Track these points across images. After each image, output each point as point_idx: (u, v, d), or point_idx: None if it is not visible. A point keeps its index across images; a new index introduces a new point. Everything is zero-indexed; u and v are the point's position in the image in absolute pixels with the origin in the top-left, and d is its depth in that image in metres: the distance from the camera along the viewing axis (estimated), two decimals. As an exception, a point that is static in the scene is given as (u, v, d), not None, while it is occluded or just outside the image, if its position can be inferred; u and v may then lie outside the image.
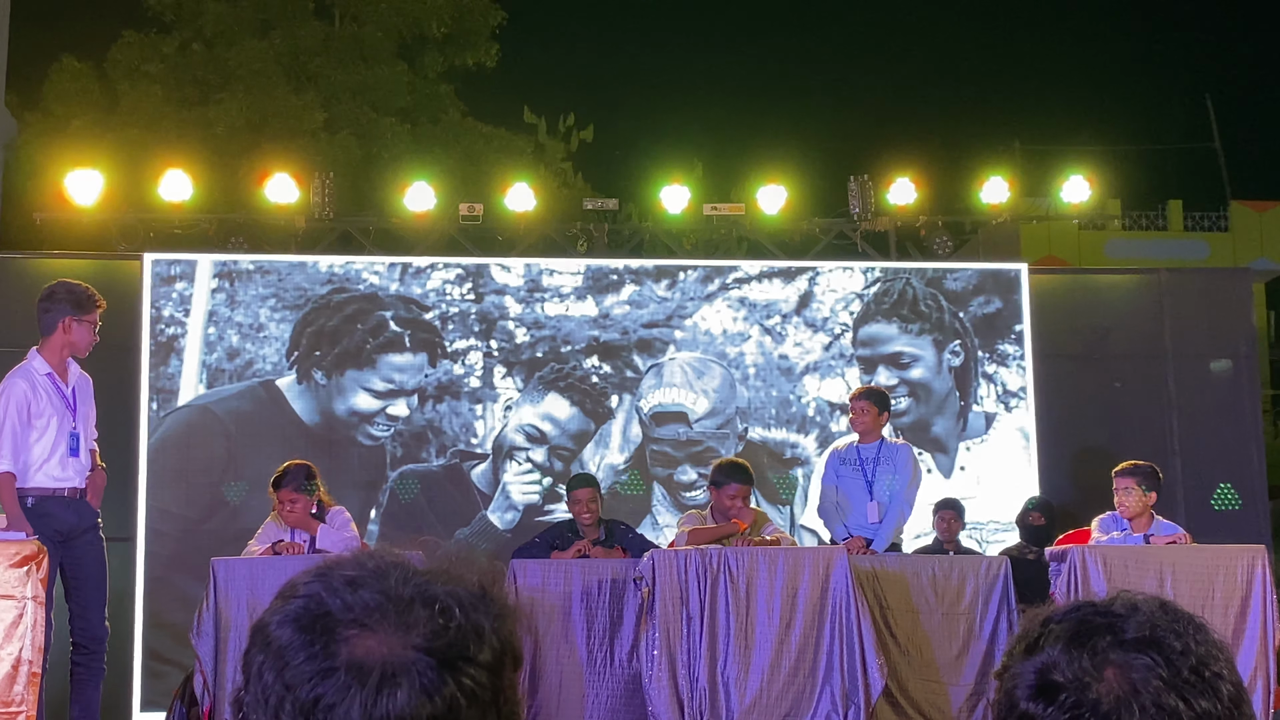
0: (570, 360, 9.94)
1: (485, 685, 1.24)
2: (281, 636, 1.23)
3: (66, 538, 6.18)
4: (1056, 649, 1.32)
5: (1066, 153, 16.31)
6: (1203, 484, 10.09)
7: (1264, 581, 7.04)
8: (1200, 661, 1.31)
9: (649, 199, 11.03)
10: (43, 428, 6.15)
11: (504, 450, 9.79)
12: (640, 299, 10.07)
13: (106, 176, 10.03)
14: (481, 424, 9.79)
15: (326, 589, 1.26)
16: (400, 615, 1.24)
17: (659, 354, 10.02)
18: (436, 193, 10.31)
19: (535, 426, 9.88)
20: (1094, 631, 1.32)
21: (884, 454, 8.04)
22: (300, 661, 1.21)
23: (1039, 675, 1.31)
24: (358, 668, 1.20)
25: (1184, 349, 10.52)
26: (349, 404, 9.69)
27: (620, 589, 7.55)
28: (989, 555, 8.42)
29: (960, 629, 7.48)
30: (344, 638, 1.22)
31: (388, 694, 1.19)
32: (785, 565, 6.95)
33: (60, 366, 6.25)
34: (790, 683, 6.84)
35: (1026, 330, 10.28)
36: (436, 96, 18.07)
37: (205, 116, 16.35)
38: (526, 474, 9.80)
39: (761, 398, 10.02)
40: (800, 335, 10.14)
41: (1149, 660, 1.30)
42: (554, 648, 7.51)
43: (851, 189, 10.72)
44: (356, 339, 9.74)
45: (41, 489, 6.16)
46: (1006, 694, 1.33)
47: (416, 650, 1.22)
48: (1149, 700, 1.27)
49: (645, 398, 9.98)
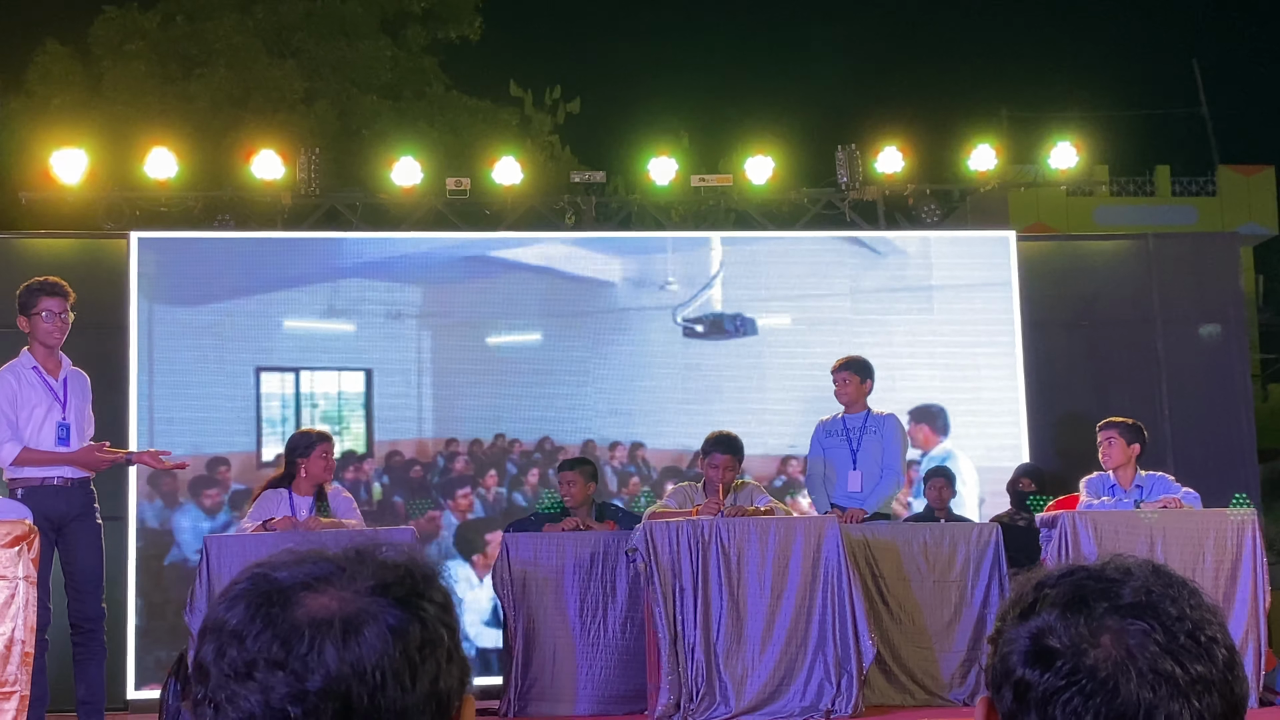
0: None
1: (443, 626, 1.25)
2: (233, 618, 1.23)
3: (59, 525, 6.19)
4: (1052, 614, 1.31)
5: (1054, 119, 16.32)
6: (1192, 448, 10.12)
7: (1254, 544, 7.08)
8: (1195, 626, 1.31)
9: (636, 171, 11.01)
10: (27, 418, 6.17)
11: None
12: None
13: (91, 155, 9.98)
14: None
15: (269, 569, 1.26)
16: (348, 572, 1.25)
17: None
18: (423, 167, 10.27)
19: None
20: (1090, 597, 1.32)
21: (870, 424, 8.05)
22: (259, 630, 1.21)
23: (1034, 641, 1.31)
24: (318, 622, 1.20)
25: (1172, 314, 10.53)
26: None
27: (613, 561, 7.58)
28: (980, 522, 8.44)
29: (952, 596, 7.52)
30: (298, 601, 1.22)
31: (355, 640, 1.19)
32: (777, 535, 6.96)
33: (45, 361, 6.27)
34: (783, 652, 6.86)
35: (1015, 297, 10.28)
36: (420, 70, 17.99)
37: (187, 92, 16.28)
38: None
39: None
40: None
41: (1145, 625, 1.30)
42: (547, 620, 7.53)
43: (839, 158, 10.70)
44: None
45: (30, 479, 6.16)
46: (1001, 659, 1.33)
47: (371, 595, 1.23)
48: (1145, 665, 1.28)
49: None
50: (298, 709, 1.18)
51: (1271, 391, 22.25)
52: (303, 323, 9.79)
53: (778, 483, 9.88)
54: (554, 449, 9.75)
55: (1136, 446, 7.54)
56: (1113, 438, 7.53)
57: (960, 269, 10.38)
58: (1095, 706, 1.27)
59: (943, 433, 10.11)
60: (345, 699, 1.18)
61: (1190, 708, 1.27)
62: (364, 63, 17.21)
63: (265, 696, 1.18)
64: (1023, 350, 10.20)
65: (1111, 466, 7.51)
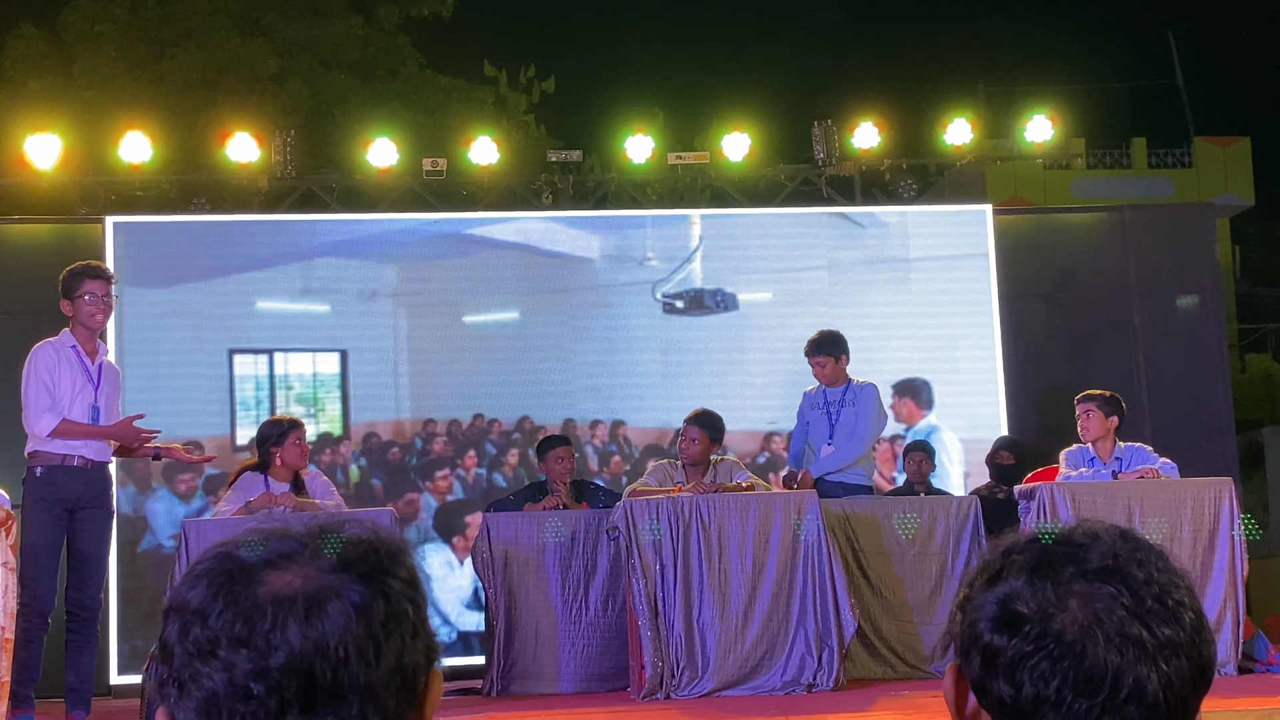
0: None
1: (409, 602, 1.25)
2: (195, 597, 1.22)
3: (72, 509, 6.17)
4: (1019, 580, 1.32)
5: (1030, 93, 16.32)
6: (1170, 419, 10.17)
7: (1231, 514, 7.11)
8: (1163, 590, 1.32)
9: (613, 149, 10.99)
10: (63, 393, 6.18)
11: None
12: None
13: (65, 140, 9.93)
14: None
15: (233, 548, 1.26)
16: (311, 549, 1.25)
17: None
18: (399, 148, 10.24)
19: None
20: (1057, 561, 1.32)
21: (848, 396, 8.06)
22: (222, 608, 1.20)
23: (1001, 606, 1.31)
24: (281, 600, 1.20)
25: (1150, 286, 10.57)
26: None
27: (594, 539, 7.58)
28: (959, 495, 8.47)
29: (932, 569, 7.55)
30: (261, 579, 1.22)
31: (319, 617, 1.19)
32: (756, 511, 6.97)
33: (85, 343, 6.29)
34: (765, 627, 6.88)
35: (992, 271, 10.30)
36: (394, 49, 17.89)
37: (159, 73, 16.18)
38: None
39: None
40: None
41: (1113, 590, 1.30)
42: (528, 599, 7.54)
43: (815, 134, 10.70)
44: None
45: (51, 456, 6.15)
46: (969, 625, 1.34)
47: (335, 572, 1.23)
48: (1113, 629, 1.28)
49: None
50: (261, 686, 1.17)
51: (1249, 362, 22.34)
52: (276, 304, 9.72)
53: (761, 459, 9.89)
54: (534, 428, 9.70)
55: (1115, 419, 7.57)
56: (1091, 410, 7.55)
57: (937, 243, 10.40)
58: (1063, 671, 1.27)
59: (927, 407, 10.14)
60: (309, 675, 1.18)
61: (1158, 671, 1.28)
62: (332, 40, 17.11)
63: (229, 674, 1.18)
64: (1000, 323, 10.24)
65: (1090, 439, 7.54)
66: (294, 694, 1.18)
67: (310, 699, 1.18)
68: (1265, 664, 7.09)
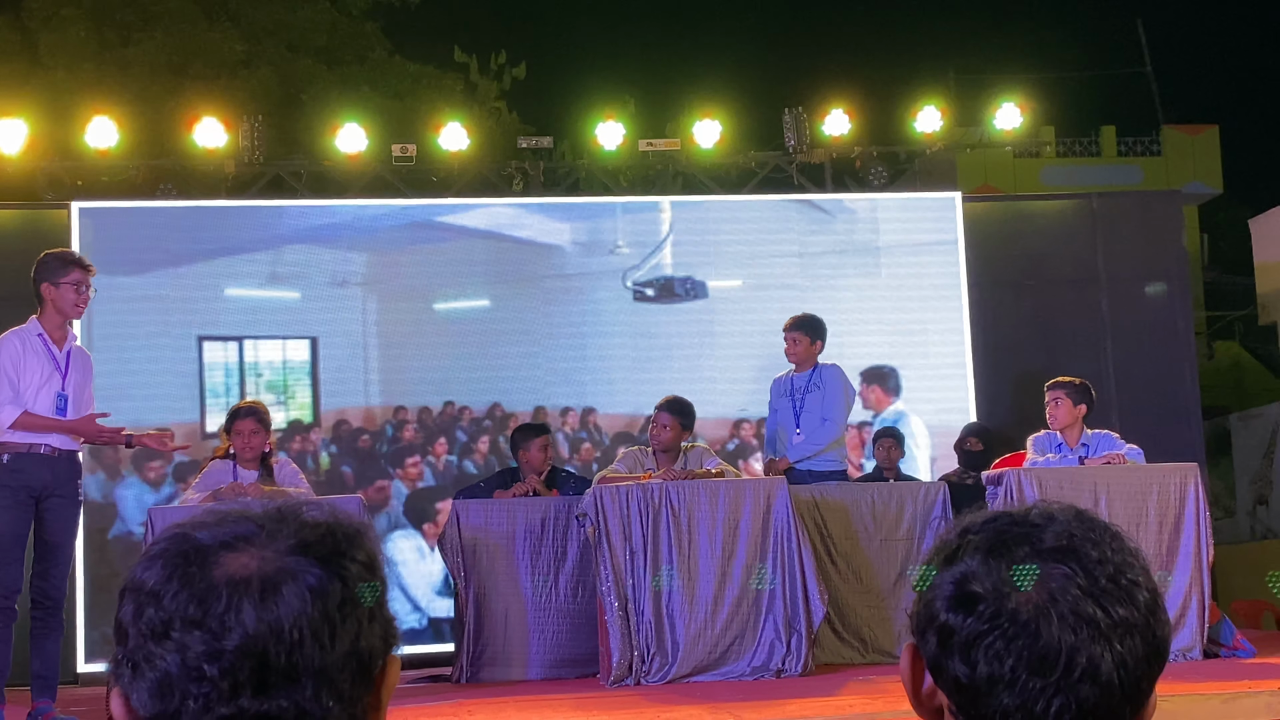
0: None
1: (368, 586, 1.24)
2: (150, 578, 1.22)
3: (40, 496, 6.13)
4: (975, 560, 1.32)
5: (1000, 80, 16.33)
6: (1137, 406, 10.22)
7: (1197, 499, 7.16)
8: (1117, 570, 1.32)
9: (583, 136, 10.97)
10: (26, 383, 6.11)
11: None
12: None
13: (30, 125, 9.86)
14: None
15: (190, 529, 1.25)
16: (268, 531, 1.24)
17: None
18: (368, 133, 10.20)
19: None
20: (1012, 541, 1.33)
21: (814, 380, 8.08)
22: (176, 589, 1.20)
23: (957, 586, 1.32)
24: (236, 582, 1.20)
25: (1118, 273, 10.62)
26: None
27: (563, 526, 7.59)
28: (927, 481, 8.50)
29: (899, 554, 7.58)
30: (216, 561, 1.21)
31: (274, 600, 1.19)
32: (726, 497, 6.98)
33: (54, 331, 6.22)
34: (734, 613, 6.90)
35: (961, 258, 10.33)
36: (362, 35, 17.81)
37: (125, 58, 16.07)
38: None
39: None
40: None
41: (1067, 570, 1.31)
42: (498, 586, 7.54)
43: (786, 122, 10.71)
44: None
45: (18, 445, 6.10)
46: (925, 605, 1.34)
47: (292, 554, 1.22)
48: (1067, 609, 1.29)
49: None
50: (214, 668, 1.17)
51: (1216, 349, 22.46)
52: (245, 291, 9.68)
53: (730, 446, 9.91)
54: (504, 415, 9.71)
55: (1083, 407, 7.61)
56: (1060, 398, 7.59)
57: (907, 231, 10.43)
58: (1017, 650, 1.28)
59: (894, 393, 10.17)
60: (262, 657, 1.17)
61: (1112, 650, 1.29)
62: (301, 26, 17.02)
63: (182, 656, 1.18)
64: (969, 310, 10.27)
65: (1059, 427, 7.58)
66: (247, 676, 1.17)
67: (264, 681, 1.18)
68: (1230, 649, 7.14)
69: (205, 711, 1.17)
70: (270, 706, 1.18)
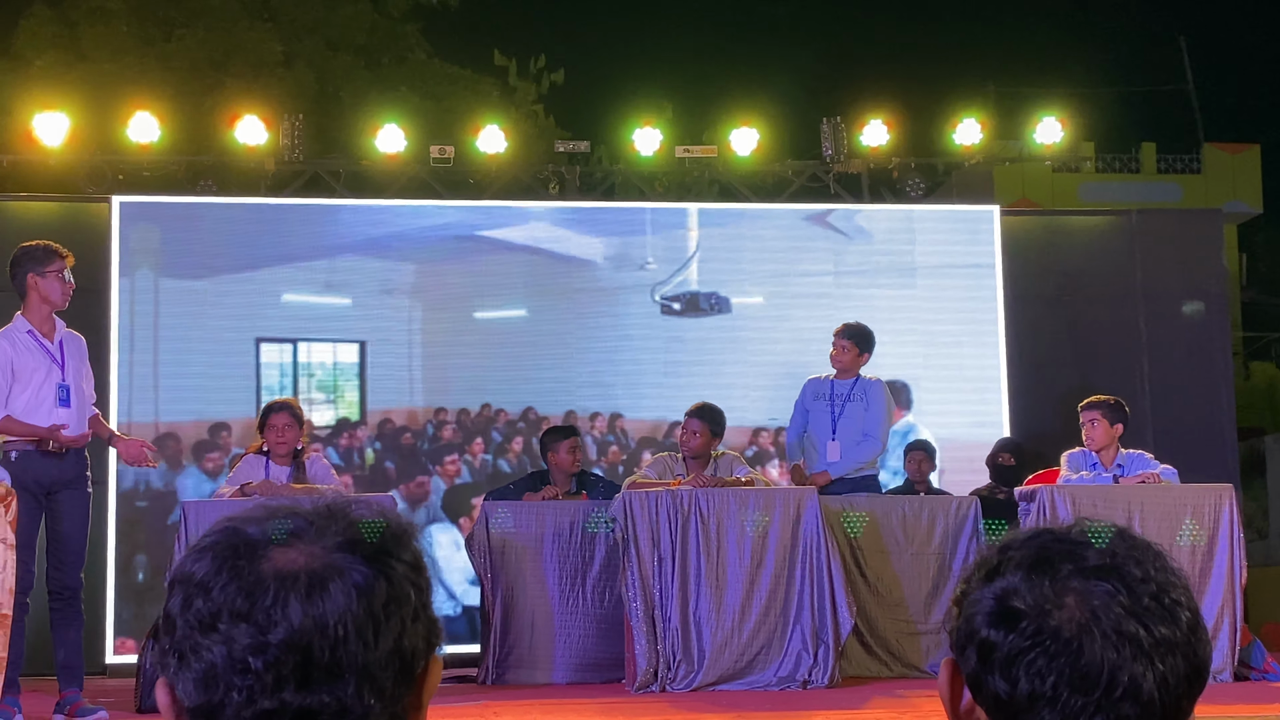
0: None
1: (411, 585, 1.25)
2: (200, 570, 1.23)
3: (48, 490, 6.16)
4: (1017, 576, 1.32)
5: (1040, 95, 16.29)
6: (1172, 424, 10.15)
7: (1231, 520, 7.11)
8: (1160, 589, 1.32)
9: (620, 141, 10.99)
10: (26, 381, 6.14)
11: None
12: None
13: (73, 118, 9.93)
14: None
15: (240, 524, 1.26)
16: (318, 528, 1.25)
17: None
18: (406, 134, 10.25)
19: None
20: (1055, 558, 1.32)
21: (856, 391, 8.06)
22: (225, 582, 1.21)
23: (998, 602, 1.31)
24: (284, 576, 1.21)
25: (1155, 291, 10.55)
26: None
27: (591, 531, 7.59)
28: (959, 495, 8.46)
29: (930, 569, 7.54)
30: (265, 555, 1.22)
31: (320, 596, 1.20)
32: (756, 506, 6.97)
33: (42, 324, 6.24)
34: (761, 622, 6.89)
35: (998, 272, 10.29)
36: (401, 36, 17.89)
37: (166, 53, 16.19)
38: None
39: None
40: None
41: (1109, 587, 1.30)
42: (525, 588, 7.55)
43: (824, 131, 10.68)
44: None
45: (24, 440, 6.14)
46: (966, 620, 1.33)
47: (340, 551, 1.23)
48: (1109, 627, 1.28)
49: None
50: (259, 661, 1.18)
51: (1253, 369, 22.32)
52: (301, 297, 10.07)
53: (748, 453, 9.98)
54: (537, 418, 9.96)
55: (1120, 426, 7.55)
56: (1096, 419, 7.52)
57: (944, 244, 10.41)
58: (1059, 667, 1.27)
59: (905, 407, 10.18)
60: (307, 652, 1.18)
61: (1154, 669, 1.28)
62: (341, 24, 17.14)
63: (228, 648, 1.19)
64: (1005, 325, 10.22)
65: (1096, 448, 7.52)
66: (291, 670, 1.18)
67: (307, 676, 1.19)
68: (1261, 671, 7.09)
69: (248, 704, 1.18)
70: (312, 701, 1.19)
